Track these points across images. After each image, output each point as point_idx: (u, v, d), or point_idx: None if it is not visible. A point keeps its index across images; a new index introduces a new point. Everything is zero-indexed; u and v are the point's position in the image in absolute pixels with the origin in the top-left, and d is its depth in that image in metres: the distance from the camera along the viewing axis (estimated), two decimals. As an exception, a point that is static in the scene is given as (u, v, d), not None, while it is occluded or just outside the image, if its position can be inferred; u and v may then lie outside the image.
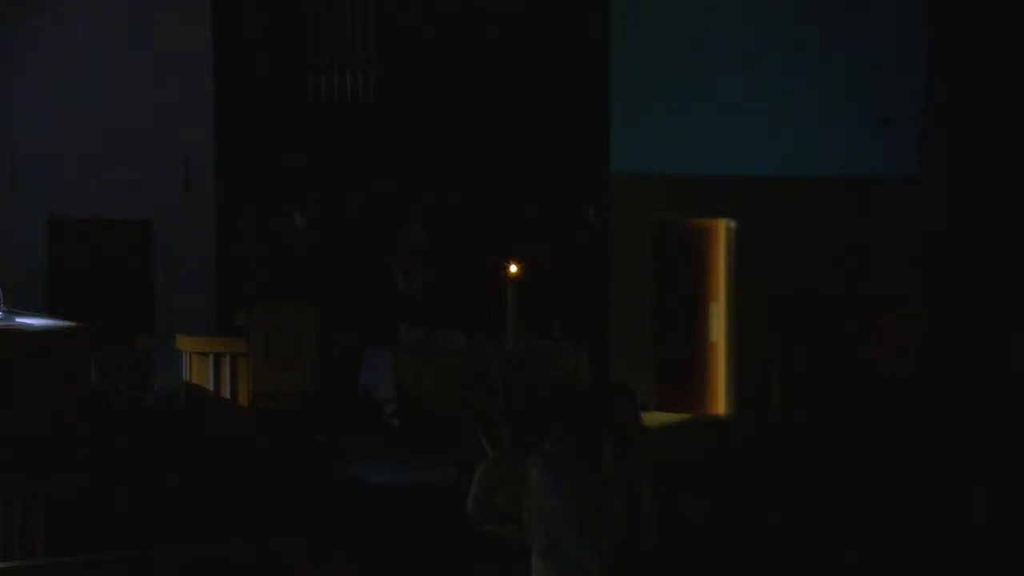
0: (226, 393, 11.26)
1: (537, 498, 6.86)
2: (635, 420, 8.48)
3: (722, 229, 14.84)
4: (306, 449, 10.54)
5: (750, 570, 8.92)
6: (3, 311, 9.81)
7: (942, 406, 11.97)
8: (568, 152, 14.56)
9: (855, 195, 14.97)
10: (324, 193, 14.02)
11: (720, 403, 14.69)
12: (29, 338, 9.43)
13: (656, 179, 14.84)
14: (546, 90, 14.48)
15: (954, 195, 15.26)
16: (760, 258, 14.65)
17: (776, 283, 14.36)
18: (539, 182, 14.42)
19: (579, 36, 14.64)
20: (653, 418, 12.97)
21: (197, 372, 11.43)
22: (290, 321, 11.62)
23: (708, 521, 9.46)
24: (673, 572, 8.48)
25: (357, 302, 13.63)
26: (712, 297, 14.83)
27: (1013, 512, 9.38)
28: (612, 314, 14.72)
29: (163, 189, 13.61)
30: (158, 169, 13.57)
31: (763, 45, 15.19)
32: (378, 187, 14.08)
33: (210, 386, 11.31)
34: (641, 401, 8.75)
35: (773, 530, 9.32)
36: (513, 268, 12.01)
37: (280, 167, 13.96)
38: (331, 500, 9.92)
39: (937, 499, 9.70)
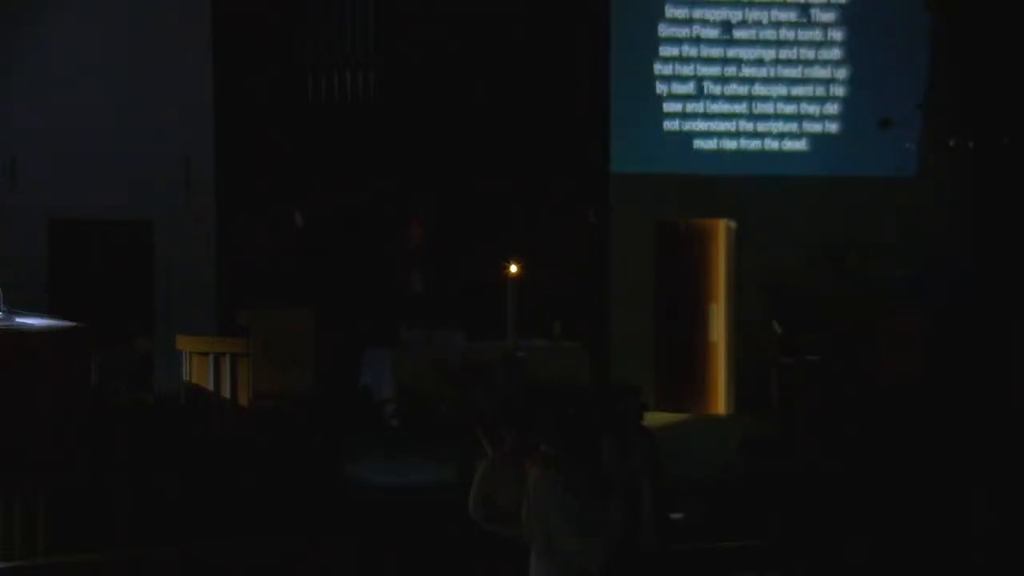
0: (226, 393, 11.25)
1: (536, 498, 6.87)
2: (637, 420, 8.51)
3: (722, 229, 14.84)
4: (306, 449, 10.53)
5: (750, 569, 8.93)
6: (3, 311, 9.81)
7: (942, 406, 11.96)
8: (568, 152, 14.56)
9: (855, 195, 14.98)
10: (324, 193, 14.02)
11: (720, 403, 14.68)
12: (29, 338, 9.43)
13: (656, 179, 14.85)
14: (546, 89, 14.48)
15: (954, 195, 15.26)
16: (760, 258, 14.65)
17: (776, 283, 14.35)
18: (539, 182, 14.42)
19: (579, 36, 14.64)
20: (653, 418, 12.96)
21: (197, 372, 11.41)
22: (290, 321, 11.60)
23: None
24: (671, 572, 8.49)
25: (357, 302, 13.63)
26: (712, 297, 14.83)
27: (1013, 512, 9.38)
28: (612, 314, 14.72)
29: (163, 189, 13.60)
30: (158, 169, 13.55)
31: (763, 45, 15.21)
32: (378, 187, 14.08)
33: (210, 386, 11.29)
34: (642, 401, 8.76)
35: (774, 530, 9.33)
36: (513, 268, 12.00)
37: (280, 167, 13.95)
38: (331, 500, 9.92)
39: (937, 499, 9.70)
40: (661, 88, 15.04)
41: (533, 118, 14.44)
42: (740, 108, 15.20)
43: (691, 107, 15.11)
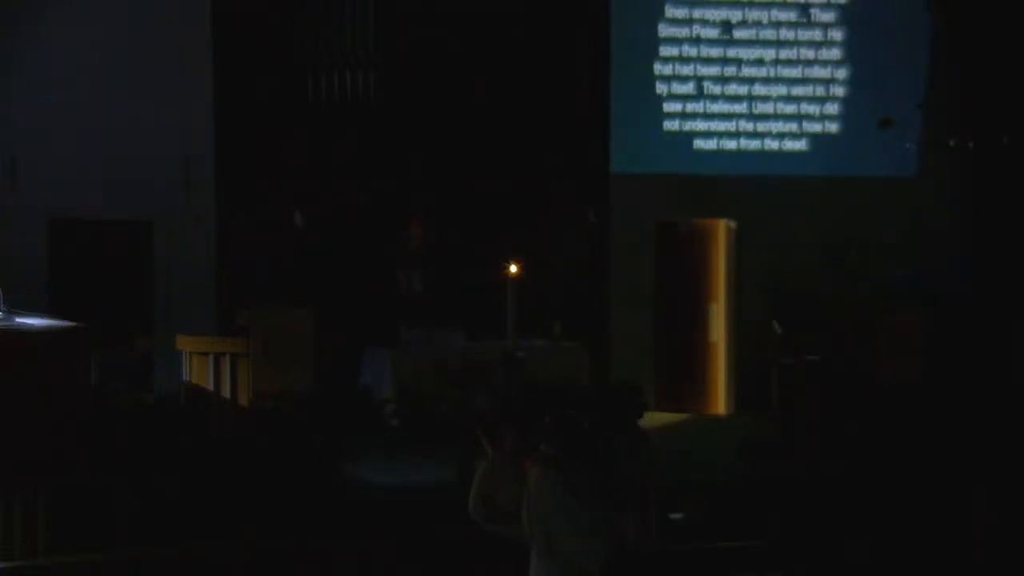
0: (226, 393, 11.25)
1: (536, 498, 6.87)
2: (638, 420, 8.49)
3: (722, 229, 14.84)
4: (306, 449, 10.53)
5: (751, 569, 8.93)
6: (3, 311, 9.80)
7: (942, 406, 11.97)
8: (568, 152, 14.56)
9: (855, 195, 14.98)
10: (324, 193, 14.02)
11: (720, 403, 14.68)
12: (29, 338, 9.43)
13: (656, 179, 14.85)
14: (546, 89, 14.48)
15: (954, 195, 15.27)
16: (760, 258, 14.65)
17: (776, 283, 14.35)
18: (539, 182, 14.42)
19: (579, 36, 14.64)
20: (653, 418, 12.96)
21: (197, 372, 11.41)
22: (290, 321, 11.60)
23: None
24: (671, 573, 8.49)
25: (357, 302, 13.63)
26: (712, 297, 14.83)
27: (1013, 512, 9.39)
28: (612, 314, 14.72)
29: (163, 189, 13.60)
30: (158, 169, 13.55)
31: (763, 45, 15.22)
32: (378, 187, 14.08)
33: (210, 386, 11.29)
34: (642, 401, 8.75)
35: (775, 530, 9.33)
36: (513, 268, 12.00)
37: (280, 167, 13.95)
38: (331, 500, 9.92)
39: (937, 499, 9.70)
40: (661, 88, 15.04)
41: (533, 118, 14.44)
42: (740, 108, 15.20)
43: (691, 107, 15.11)
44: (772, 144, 15.29)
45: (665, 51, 15.03)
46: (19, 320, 9.74)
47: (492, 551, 7.91)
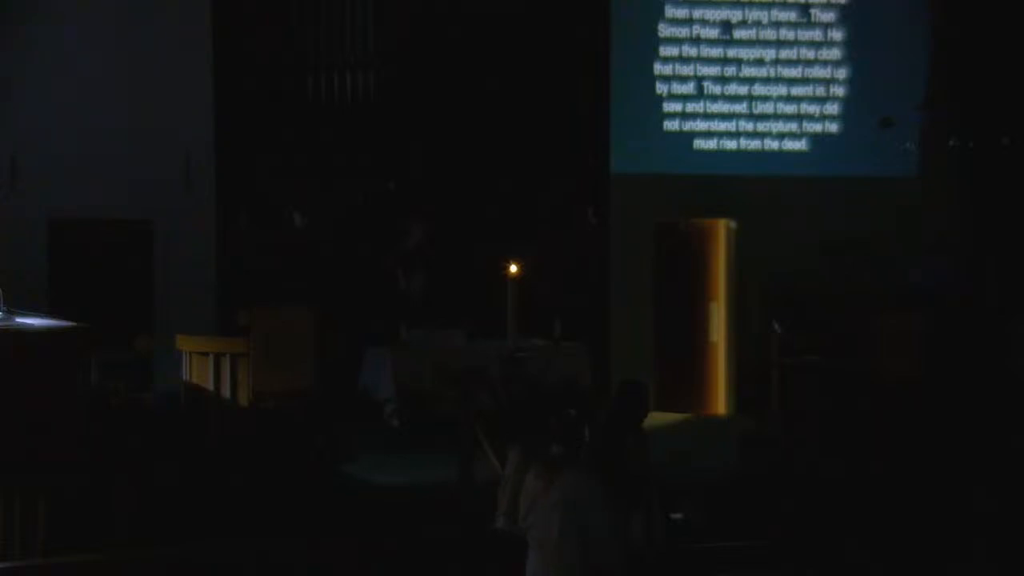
0: (226, 393, 11.24)
1: (543, 499, 6.87)
2: (643, 420, 8.50)
3: (722, 229, 14.84)
4: (306, 449, 10.53)
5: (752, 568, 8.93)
6: (3, 311, 9.80)
7: (942, 405, 11.97)
8: (568, 152, 14.56)
9: (855, 195, 14.98)
10: (324, 193, 14.02)
11: (720, 403, 14.68)
12: (29, 338, 9.42)
13: (656, 179, 14.85)
14: (546, 90, 14.48)
15: (954, 195, 15.27)
16: (760, 258, 14.65)
17: (776, 283, 14.35)
18: (539, 182, 14.42)
19: (579, 36, 14.64)
20: (653, 418, 12.94)
21: (197, 372, 11.40)
22: (290, 321, 11.59)
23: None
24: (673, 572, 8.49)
25: (357, 302, 13.63)
26: (712, 297, 14.82)
27: (1013, 510, 9.39)
28: (612, 314, 14.72)
29: (163, 189, 13.60)
30: (158, 169, 13.56)
31: (763, 45, 15.23)
32: (378, 187, 14.08)
33: (210, 386, 11.28)
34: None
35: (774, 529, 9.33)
36: (513, 268, 12.00)
37: (280, 167, 13.96)
38: (331, 500, 9.92)
39: (937, 499, 9.71)
40: (661, 88, 15.05)
41: (533, 118, 14.44)
42: (740, 108, 15.22)
43: (691, 107, 15.12)
44: (772, 144, 15.30)
45: (665, 51, 15.04)
46: (19, 320, 9.74)
47: (492, 551, 7.91)
